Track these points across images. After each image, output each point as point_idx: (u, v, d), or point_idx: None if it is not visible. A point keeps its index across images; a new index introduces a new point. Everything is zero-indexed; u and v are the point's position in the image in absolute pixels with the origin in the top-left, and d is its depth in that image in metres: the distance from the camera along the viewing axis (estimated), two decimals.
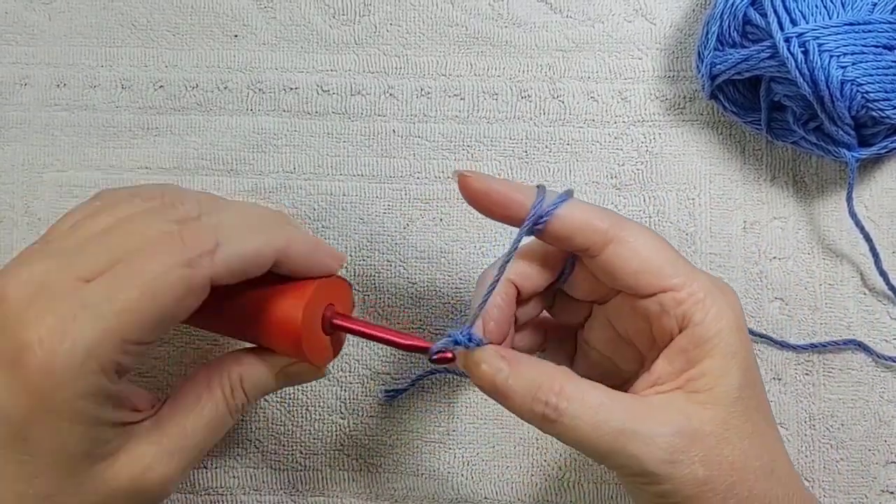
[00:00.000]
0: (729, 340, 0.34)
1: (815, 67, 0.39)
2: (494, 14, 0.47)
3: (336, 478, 0.46)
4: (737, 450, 0.33)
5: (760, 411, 0.35)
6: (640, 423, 0.33)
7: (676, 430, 0.33)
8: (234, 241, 0.33)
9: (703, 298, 0.34)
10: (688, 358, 0.34)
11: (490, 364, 0.34)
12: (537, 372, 0.34)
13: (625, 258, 0.35)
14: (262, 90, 0.47)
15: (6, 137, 0.48)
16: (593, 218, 0.35)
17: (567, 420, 0.33)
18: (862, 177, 0.46)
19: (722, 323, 0.34)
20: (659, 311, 0.35)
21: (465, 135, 0.47)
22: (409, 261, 0.46)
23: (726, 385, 0.34)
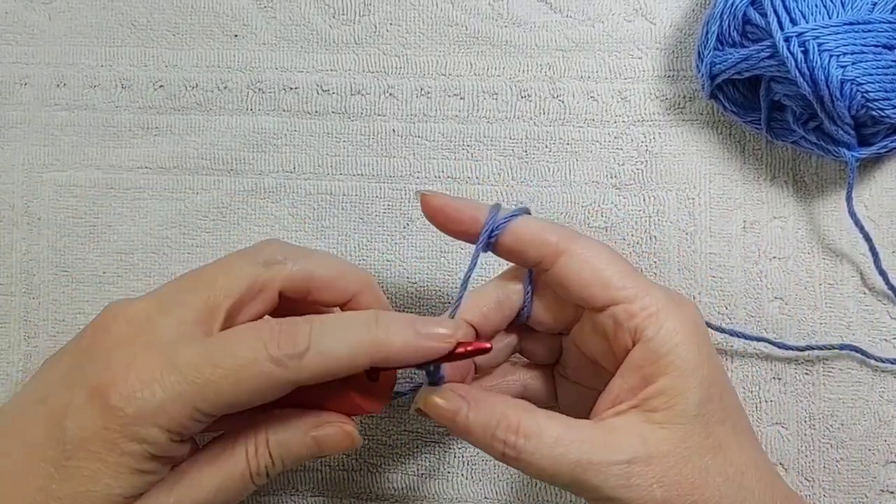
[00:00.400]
0: (686, 357, 0.34)
1: (814, 67, 0.39)
2: (494, 14, 0.47)
3: (336, 478, 0.46)
4: (697, 468, 0.34)
5: (726, 423, 0.35)
6: (596, 452, 0.33)
7: (632, 456, 0.33)
8: (327, 342, 0.33)
9: (655, 312, 0.34)
10: (643, 375, 0.34)
11: (449, 402, 0.35)
12: (494, 409, 0.34)
13: (575, 270, 0.35)
14: (261, 90, 0.47)
15: (6, 137, 0.48)
16: (544, 232, 0.36)
17: (526, 456, 0.33)
18: (862, 176, 0.46)
19: (677, 338, 0.34)
20: (613, 325, 0.35)
21: (464, 134, 0.47)
22: (409, 260, 0.46)
23: (683, 404, 0.34)
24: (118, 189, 0.47)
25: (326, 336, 0.33)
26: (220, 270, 0.35)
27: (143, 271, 0.47)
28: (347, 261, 0.39)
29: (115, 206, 0.47)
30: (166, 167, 0.47)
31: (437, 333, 0.34)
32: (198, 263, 0.46)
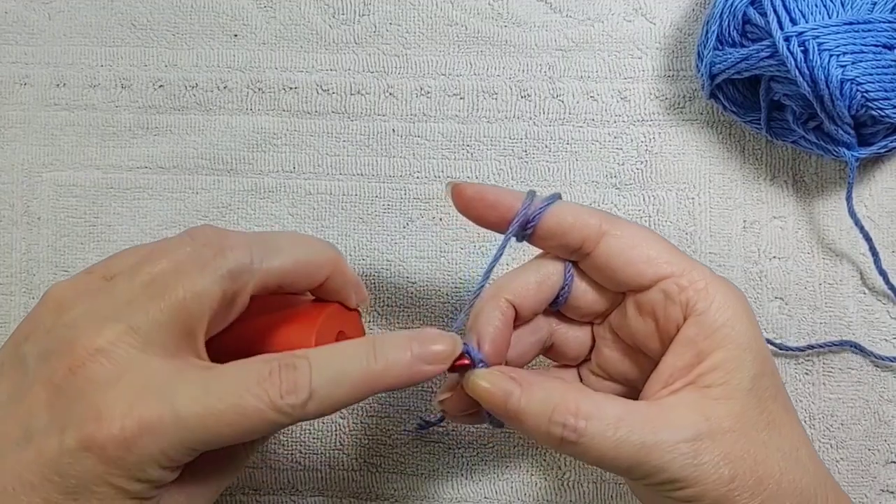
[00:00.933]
0: (740, 330, 0.33)
1: (814, 66, 0.39)
2: (494, 13, 0.47)
3: (336, 477, 0.46)
4: (757, 442, 0.33)
5: (777, 399, 0.35)
6: (660, 431, 0.32)
7: (696, 433, 0.32)
8: (328, 386, 0.32)
9: (705, 287, 0.34)
10: (697, 351, 0.34)
11: (499, 386, 0.33)
12: (550, 392, 0.33)
13: (620, 249, 0.35)
14: (261, 90, 0.47)
15: (6, 137, 0.48)
16: (584, 214, 0.35)
17: (587, 440, 0.32)
18: (861, 176, 0.46)
19: (729, 312, 0.34)
20: (662, 299, 0.34)
21: (464, 134, 0.47)
22: (409, 260, 0.46)
23: (739, 377, 0.33)
24: (118, 189, 0.47)
25: (327, 379, 0.32)
26: (184, 287, 0.32)
27: None
28: (311, 238, 0.36)
29: (114, 205, 0.47)
30: (166, 167, 0.47)
31: (435, 354, 0.33)
32: None
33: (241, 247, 0.33)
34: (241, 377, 0.32)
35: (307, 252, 0.35)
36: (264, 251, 0.34)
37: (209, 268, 0.32)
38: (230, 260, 0.33)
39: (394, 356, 0.33)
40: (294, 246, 0.35)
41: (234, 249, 0.33)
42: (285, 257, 0.34)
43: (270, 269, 0.34)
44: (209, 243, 0.33)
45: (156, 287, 0.33)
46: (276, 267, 0.34)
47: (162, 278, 0.33)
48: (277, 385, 0.31)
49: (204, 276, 0.32)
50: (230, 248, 0.33)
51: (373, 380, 0.32)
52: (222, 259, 0.33)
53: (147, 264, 0.34)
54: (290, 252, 0.35)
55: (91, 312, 0.33)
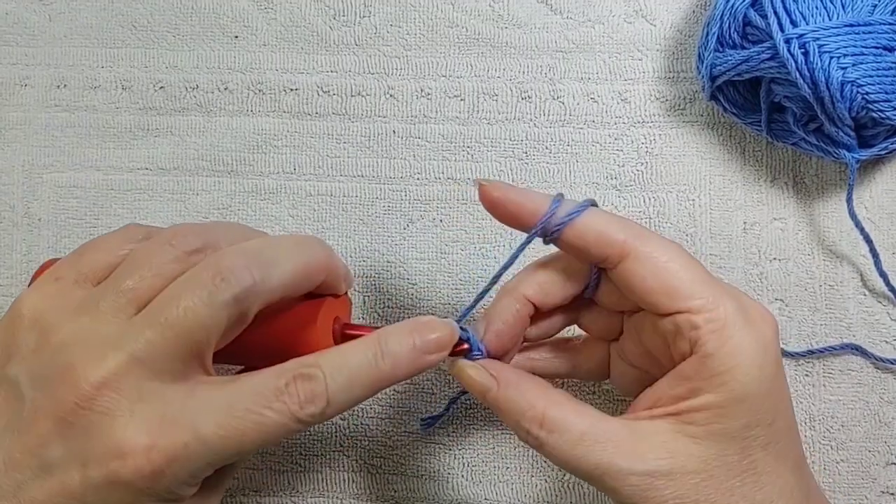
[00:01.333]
0: (743, 381, 0.32)
1: (815, 68, 0.39)
2: (495, 15, 0.47)
3: (336, 479, 0.46)
4: (721, 489, 0.33)
5: (769, 448, 0.33)
6: (619, 457, 0.32)
7: (654, 469, 0.32)
8: (343, 392, 0.33)
9: (721, 328, 0.32)
10: (690, 387, 0.33)
11: (479, 379, 0.35)
12: (522, 396, 0.34)
13: (640, 276, 0.34)
14: (262, 91, 0.47)
15: (6, 138, 0.48)
16: (611, 230, 0.34)
17: (547, 449, 0.33)
18: (862, 178, 0.46)
19: (739, 359, 0.32)
20: (673, 331, 0.33)
21: (465, 136, 0.47)
22: (409, 262, 0.46)
23: (727, 425, 0.32)
24: (118, 190, 0.47)
25: (341, 385, 0.33)
26: (189, 317, 0.31)
27: None
28: (303, 242, 0.36)
29: (115, 207, 0.47)
30: (166, 168, 0.47)
31: (435, 342, 0.34)
32: None
33: (241, 269, 0.32)
34: (258, 392, 0.32)
35: (304, 260, 0.35)
36: (264, 268, 0.33)
37: (213, 295, 0.32)
38: (234, 285, 0.32)
39: (399, 352, 0.34)
40: (290, 256, 0.34)
41: (235, 272, 0.32)
42: (285, 270, 0.34)
43: (273, 287, 0.33)
44: (207, 266, 0.32)
45: (153, 313, 0.32)
46: (278, 284, 0.34)
47: (158, 302, 0.32)
48: (296, 397, 0.32)
49: (209, 306, 0.32)
50: (230, 270, 0.32)
51: (382, 378, 0.33)
52: (225, 285, 0.32)
53: (129, 276, 0.33)
54: (288, 264, 0.34)
55: (81, 335, 0.32)
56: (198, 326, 0.32)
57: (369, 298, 0.46)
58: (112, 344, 0.32)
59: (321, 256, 0.36)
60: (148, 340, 0.31)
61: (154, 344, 0.31)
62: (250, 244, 0.34)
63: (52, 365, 0.32)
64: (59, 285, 0.34)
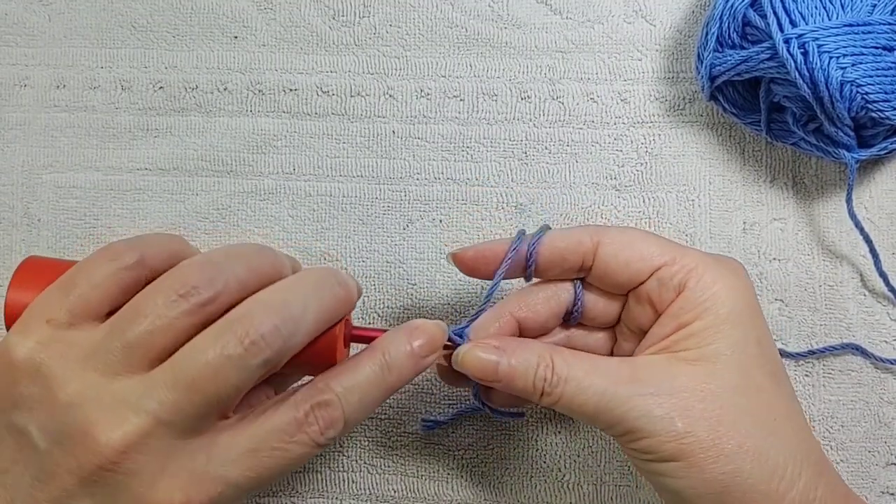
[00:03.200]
0: (723, 301, 0.35)
1: (814, 68, 0.39)
2: (494, 15, 0.47)
3: (336, 479, 0.46)
4: (725, 405, 0.34)
5: (764, 367, 0.36)
6: (622, 384, 0.34)
7: (655, 388, 0.34)
8: (356, 408, 0.34)
9: (695, 266, 0.36)
10: (678, 321, 0.36)
11: (487, 356, 0.36)
12: (531, 353, 0.36)
13: (615, 254, 0.37)
14: (261, 91, 0.47)
15: (6, 139, 0.48)
16: (574, 235, 0.37)
17: (558, 390, 0.35)
18: (861, 178, 0.46)
19: (716, 286, 0.35)
20: (657, 286, 0.36)
21: (464, 136, 0.47)
22: (409, 262, 0.46)
23: (716, 345, 0.35)
24: (118, 191, 0.47)
25: (355, 406, 0.34)
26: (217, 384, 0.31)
27: None
28: (321, 280, 0.35)
29: (114, 207, 0.47)
30: (166, 169, 0.47)
31: (428, 343, 0.36)
32: None
33: (272, 332, 0.32)
34: (280, 430, 0.33)
35: (327, 306, 0.34)
36: (292, 325, 0.33)
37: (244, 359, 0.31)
38: (265, 349, 0.32)
39: (401, 361, 0.35)
40: (312, 304, 0.34)
41: (266, 337, 0.32)
42: (309, 322, 0.33)
43: (300, 342, 0.33)
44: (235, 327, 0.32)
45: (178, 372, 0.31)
46: (304, 337, 0.34)
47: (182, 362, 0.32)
48: (317, 426, 0.33)
49: (242, 370, 0.31)
50: (261, 334, 0.31)
51: (390, 389, 0.35)
52: (256, 349, 0.31)
53: (136, 327, 0.32)
54: (311, 314, 0.34)
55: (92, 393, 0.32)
56: (228, 388, 0.32)
57: (369, 299, 0.46)
58: (131, 405, 0.31)
59: (340, 295, 0.35)
60: (174, 402, 0.31)
61: (180, 406, 0.31)
62: (274, 297, 0.33)
63: (66, 423, 0.31)
64: (52, 330, 0.33)
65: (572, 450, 0.45)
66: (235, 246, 0.38)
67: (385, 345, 0.35)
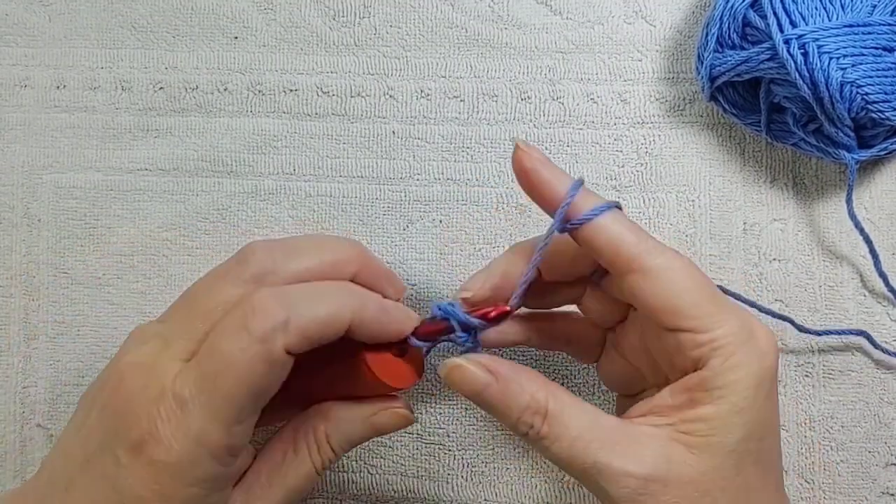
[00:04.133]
0: (743, 394, 0.32)
1: (814, 69, 0.39)
2: (494, 16, 0.47)
3: (335, 479, 0.46)
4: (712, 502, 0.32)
5: (758, 464, 0.34)
6: (616, 457, 0.32)
7: (650, 472, 0.32)
8: (305, 309, 0.32)
9: (724, 346, 0.32)
10: (691, 398, 0.33)
11: (475, 376, 0.34)
12: (522, 390, 0.33)
13: (646, 292, 0.33)
14: (261, 92, 0.47)
15: (6, 139, 0.48)
16: (624, 241, 0.34)
17: (545, 443, 0.33)
18: (861, 179, 0.46)
19: (739, 374, 0.32)
20: (676, 346, 0.33)
21: (464, 136, 0.47)
22: (409, 262, 0.46)
23: (723, 438, 0.32)
24: (118, 191, 0.47)
25: (303, 301, 0.33)
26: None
27: (143, 273, 0.47)
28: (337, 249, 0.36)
29: (114, 207, 0.47)
30: (166, 169, 0.47)
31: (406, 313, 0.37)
32: (197, 265, 0.47)
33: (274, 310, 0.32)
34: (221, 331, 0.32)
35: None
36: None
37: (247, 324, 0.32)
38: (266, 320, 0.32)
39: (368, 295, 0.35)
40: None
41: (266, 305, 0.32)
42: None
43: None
44: None
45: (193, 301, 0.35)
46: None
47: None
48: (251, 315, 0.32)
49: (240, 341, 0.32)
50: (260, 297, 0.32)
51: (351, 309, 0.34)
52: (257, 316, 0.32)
53: None
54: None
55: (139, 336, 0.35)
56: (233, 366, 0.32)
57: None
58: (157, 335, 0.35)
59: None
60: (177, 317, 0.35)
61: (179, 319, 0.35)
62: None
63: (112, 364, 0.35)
64: None
65: None
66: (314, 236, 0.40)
67: None
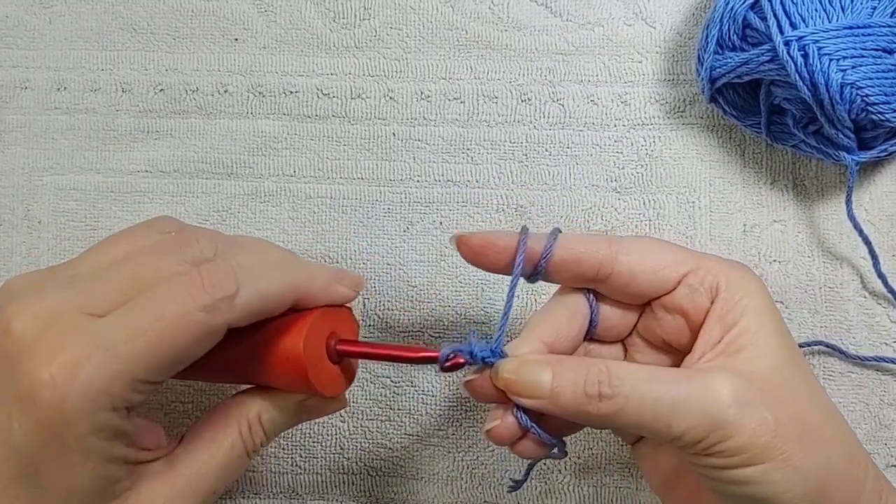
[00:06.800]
0: (757, 299, 0.35)
1: (814, 71, 0.39)
2: (494, 18, 0.47)
3: (336, 481, 0.46)
4: (797, 395, 0.33)
5: (805, 361, 0.36)
6: (697, 381, 0.32)
7: (734, 382, 0.32)
8: (254, 283, 0.32)
9: (721, 269, 0.35)
10: (724, 323, 0.34)
11: (530, 372, 0.33)
12: (579, 364, 0.33)
13: (638, 261, 0.35)
14: (262, 93, 0.47)
15: (6, 141, 0.48)
16: (592, 241, 0.36)
17: (623, 399, 0.32)
18: (861, 180, 0.46)
19: (749, 285, 0.35)
20: (689, 293, 0.35)
21: (464, 138, 0.47)
22: (409, 264, 0.46)
23: (767, 337, 0.34)
24: (118, 193, 0.47)
25: (253, 275, 0.32)
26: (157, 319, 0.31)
27: None
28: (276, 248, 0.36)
29: (115, 209, 0.47)
30: (166, 171, 0.47)
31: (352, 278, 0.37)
32: None
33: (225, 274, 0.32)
34: (164, 291, 0.31)
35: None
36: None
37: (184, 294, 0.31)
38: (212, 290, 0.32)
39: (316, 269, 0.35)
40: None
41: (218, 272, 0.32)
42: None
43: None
44: None
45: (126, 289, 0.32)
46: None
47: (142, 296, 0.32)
48: (200, 284, 0.31)
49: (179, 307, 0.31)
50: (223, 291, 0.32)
51: (298, 282, 0.34)
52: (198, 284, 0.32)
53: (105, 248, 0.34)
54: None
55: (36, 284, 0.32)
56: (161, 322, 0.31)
57: (369, 301, 0.46)
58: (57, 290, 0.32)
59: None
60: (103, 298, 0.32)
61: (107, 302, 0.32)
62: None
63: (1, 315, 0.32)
64: None
65: (572, 452, 0.45)
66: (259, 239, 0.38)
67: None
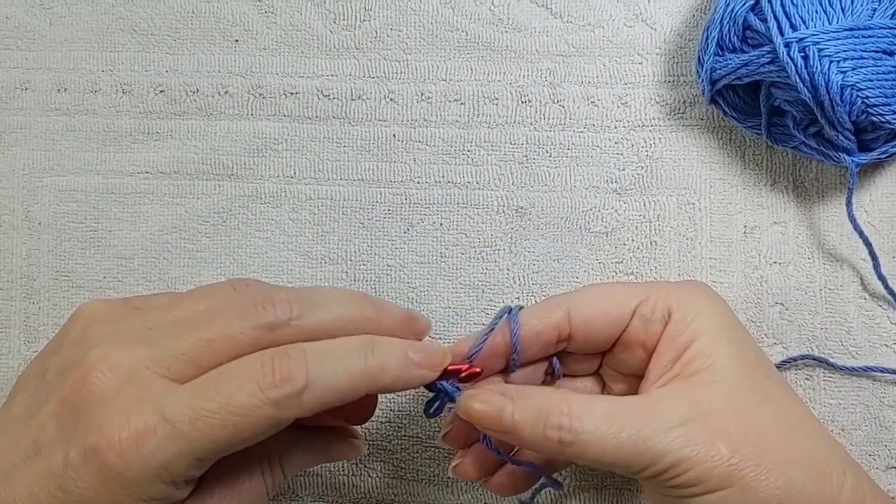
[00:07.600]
0: (711, 318, 0.35)
1: (814, 72, 0.39)
2: (495, 19, 0.47)
3: (336, 483, 0.46)
4: (754, 419, 0.33)
5: (770, 377, 0.36)
6: (652, 421, 0.33)
7: (686, 417, 0.33)
8: (324, 377, 0.31)
9: (670, 293, 0.36)
10: (676, 346, 0.35)
11: (490, 403, 0.34)
12: (540, 399, 0.34)
13: (591, 313, 0.37)
14: (262, 95, 0.47)
15: (6, 142, 0.48)
16: (544, 310, 0.37)
17: (583, 438, 0.32)
18: (862, 182, 0.46)
19: (697, 305, 0.36)
20: (642, 323, 0.36)
21: (465, 140, 0.47)
22: (409, 265, 0.46)
23: (722, 359, 0.34)
24: (118, 194, 0.47)
25: (324, 369, 0.32)
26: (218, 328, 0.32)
27: (143, 276, 0.47)
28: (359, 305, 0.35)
29: (115, 211, 0.47)
30: (167, 172, 0.47)
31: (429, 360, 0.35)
32: (198, 269, 0.47)
33: None
34: (232, 376, 0.31)
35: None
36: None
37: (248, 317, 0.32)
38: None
39: (390, 356, 0.33)
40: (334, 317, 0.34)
41: None
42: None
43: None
44: None
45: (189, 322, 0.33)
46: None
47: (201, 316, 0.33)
48: (270, 376, 0.31)
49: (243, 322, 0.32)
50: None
51: (368, 374, 0.32)
52: None
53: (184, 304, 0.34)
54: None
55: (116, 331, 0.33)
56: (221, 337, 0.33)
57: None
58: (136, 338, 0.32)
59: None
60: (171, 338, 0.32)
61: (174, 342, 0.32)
62: None
63: (78, 353, 0.32)
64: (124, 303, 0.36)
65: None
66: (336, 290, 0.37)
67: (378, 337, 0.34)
